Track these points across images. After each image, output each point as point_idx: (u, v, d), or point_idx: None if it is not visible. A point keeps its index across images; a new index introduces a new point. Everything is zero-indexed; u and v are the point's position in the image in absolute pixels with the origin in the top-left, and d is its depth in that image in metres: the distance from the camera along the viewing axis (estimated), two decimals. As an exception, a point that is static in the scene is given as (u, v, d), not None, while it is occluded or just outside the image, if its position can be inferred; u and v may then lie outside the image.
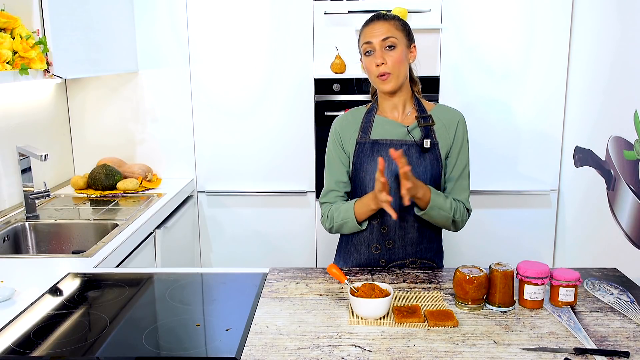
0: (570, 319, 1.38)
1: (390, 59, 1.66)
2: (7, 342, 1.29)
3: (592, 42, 2.64)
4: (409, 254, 1.77)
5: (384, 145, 1.72)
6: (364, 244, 1.78)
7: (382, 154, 1.70)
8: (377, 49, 1.67)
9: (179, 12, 2.90)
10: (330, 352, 1.24)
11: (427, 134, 1.71)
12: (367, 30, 1.70)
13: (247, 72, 2.95)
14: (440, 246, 1.84)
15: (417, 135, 1.72)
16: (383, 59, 1.66)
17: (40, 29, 2.09)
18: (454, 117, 1.76)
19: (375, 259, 1.78)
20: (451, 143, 1.74)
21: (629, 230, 2.25)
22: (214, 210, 3.11)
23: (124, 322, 1.38)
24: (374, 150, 1.72)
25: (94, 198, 2.66)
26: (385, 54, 1.66)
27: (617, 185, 2.34)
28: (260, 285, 1.59)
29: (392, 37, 1.66)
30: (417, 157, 1.70)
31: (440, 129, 1.73)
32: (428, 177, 1.70)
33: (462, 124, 1.76)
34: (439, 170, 1.73)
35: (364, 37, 1.70)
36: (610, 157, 2.41)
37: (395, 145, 1.71)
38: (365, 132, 1.75)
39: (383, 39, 1.66)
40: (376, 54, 1.67)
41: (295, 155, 3.03)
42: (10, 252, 2.18)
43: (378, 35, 1.67)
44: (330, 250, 3.10)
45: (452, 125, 1.74)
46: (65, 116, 3.00)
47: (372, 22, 1.71)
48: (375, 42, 1.67)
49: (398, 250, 1.76)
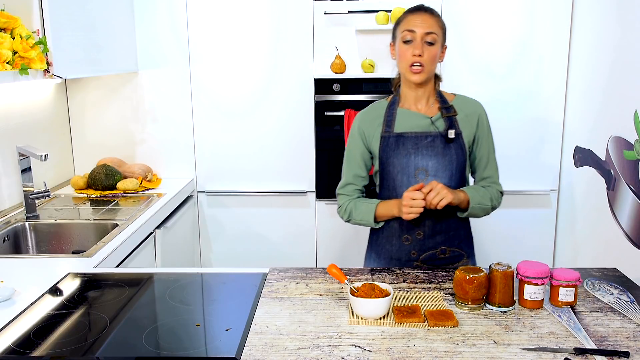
0: (570, 319, 1.38)
1: (428, 53, 1.68)
2: (7, 342, 1.29)
3: (592, 42, 2.64)
4: (439, 243, 1.78)
5: (409, 138, 1.74)
6: (395, 236, 1.80)
7: (408, 146, 1.73)
8: (418, 40, 1.68)
9: (179, 12, 2.90)
10: (330, 352, 1.24)
11: (451, 124, 1.75)
12: (412, 18, 1.70)
13: (247, 72, 2.95)
14: (468, 233, 1.87)
15: (440, 126, 1.75)
16: (422, 51, 1.67)
17: (40, 29, 2.09)
18: (475, 106, 1.81)
19: (406, 250, 1.80)
20: (474, 132, 1.78)
21: (629, 230, 2.25)
22: (214, 210, 3.11)
23: (124, 322, 1.38)
24: (399, 143, 1.75)
25: (94, 198, 2.66)
26: (424, 47, 1.68)
27: (617, 185, 2.34)
28: (260, 285, 1.59)
29: (435, 33, 1.68)
30: (442, 148, 1.73)
31: (462, 119, 1.77)
32: (454, 167, 1.74)
33: (484, 112, 1.81)
34: (464, 159, 1.76)
35: (408, 24, 1.70)
36: (610, 157, 2.41)
37: (420, 137, 1.74)
38: (389, 126, 1.77)
39: (427, 32, 1.67)
40: (416, 44, 1.68)
41: (295, 155, 3.03)
42: (10, 252, 2.18)
43: (423, 27, 1.67)
44: (330, 250, 3.10)
45: (474, 114, 1.79)
46: (65, 116, 3.00)
47: (419, 12, 1.71)
48: (418, 32, 1.67)
49: (428, 240, 1.78)
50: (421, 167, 1.73)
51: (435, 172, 1.73)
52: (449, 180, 1.73)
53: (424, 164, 1.73)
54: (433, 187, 1.62)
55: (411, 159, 1.73)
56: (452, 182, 1.74)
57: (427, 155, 1.73)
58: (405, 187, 1.73)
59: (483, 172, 1.82)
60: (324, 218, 3.08)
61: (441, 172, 1.73)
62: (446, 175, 1.73)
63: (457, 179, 1.76)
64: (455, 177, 1.75)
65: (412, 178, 1.73)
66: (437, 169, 1.73)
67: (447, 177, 1.73)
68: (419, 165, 1.73)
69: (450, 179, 1.74)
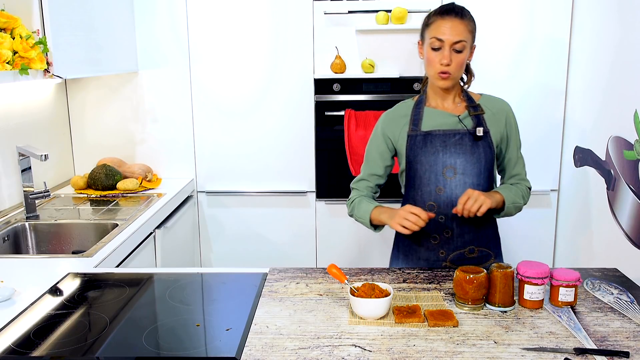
0: (570, 319, 1.38)
1: (456, 60, 1.67)
2: (7, 342, 1.29)
3: (592, 42, 2.64)
4: (467, 242, 1.78)
5: (437, 136, 1.74)
6: (422, 236, 1.80)
7: (436, 144, 1.73)
8: (447, 48, 1.66)
9: (179, 12, 2.90)
10: (330, 352, 1.24)
11: (479, 122, 1.75)
12: (441, 25, 1.67)
13: (247, 72, 2.95)
14: (496, 233, 1.87)
15: (468, 124, 1.75)
16: (450, 60, 1.66)
17: (40, 29, 2.09)
18: (502, 105, 1.81)
19: (434, 250, 1.79)
20: (503, 130, 1.78)
21: (629, 230, 2.25)
22: (214, 210, 3.11)
23: (124, 322, 1.38)
24: (426, 141, 1.74)
25: (94, 198, 2.66)
26: (452, 55, 1.67)
27: (617, 185, 2.34)
28: (260, 285, 1.59)
29: (464, 41, 1.66)
30: (470, 146, 1.73)
31: (490, 118, 1.77)
32: (482, 165, 1.74)
33: (511, 110, 1.82)
34: (492, 157, 1.76)
35: (436, 31, 1.67)
36: (610, 157, 2.41)
37: (448, 135, 1.74)
38: (416, 125, 1.77)
39: (455, 41, 1.65)
40: (444, 53, 1.66)
41: (295, 155, 3.03)
42: (10, 252, 2.18)
43: (451, 36, 1.65)
44: (330, 250, 3.10)
45: (501, 113, 1.79)
46: (65, 116, 3.00)
47: (449, 16, 1.67)
48: (446, 41, 1.65)
49: (456, 240, 1.77)
50: (449, 165, 1.73)
51: (464, 170, 1.72)
52: (477, 178, 1.73)
53: (452, 162, 1.73)
54: (470, 195, 1.61)
55: (439, 157, 1.73)
56: (481, 180, 1.74)
57: (455, 153, 1.72)
58: (433, 185, 1.73)
59: (512, 169, 1.83)
60: (324, 218, 3.08)
61: (469, 170, 1.73)
62: (474, 173, 1.73)
63: (486, 177, 1.76)
64: (484, 175, 1.75)
65: (440, 176, 1.73)
66: (465, 167, 1.72)
67: (475, 175, 1.73)
68: (447, 163, 1.73)
69: (479, 177, 1.74)
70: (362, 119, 2.87)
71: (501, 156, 1.82)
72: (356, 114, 2.87)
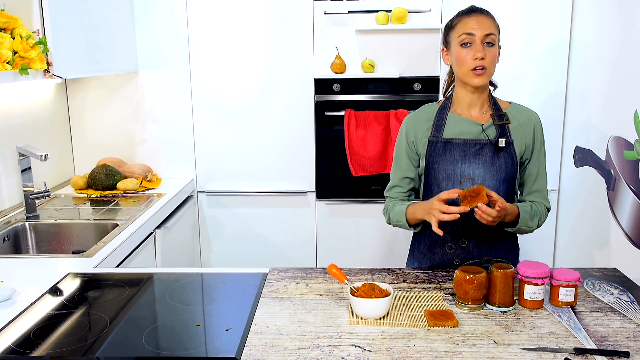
0: (570, 319, 1.38)
1: (489, 54, 1.63)
2: (7, 342, 1.29)
3: (592, 43, 2.64)
4: (484, 253, 1.75)
5: (457, 144, 1.69)
6: (438, 244, 1.76)
7: (455, 153, 1.69)
8: (478, 42, 1.62)
9: (179, 12, 2.90)
10: (330, 352, 1.24)
11: (502, 133, 1.69)
12: (468, 21, 1.64)
13: (247, 72, 2.95)
14: (515, 244, 1.82)
15: (491, 133, 1.69)
16: (484, 53, 1.62)
17: (40, 29, 2.09)
18: (530, 116, 1.74)
19: (449, 259, 1.76)
20: (528, 142, 1.71)
21: (629, 230, 2.25)
22: (214, 210, 3.11)
23: (124, 322, 1.38)
24: (446, 149, 1.70)
25: (94, 198, 2.66)
26: (485, 49, 1.63)
27: (617, 185, 2.34)
28: (260, 285, 1.59)
29: (493, 34, 1.63)
30: (491, 156, 1.68)
31: (516, 128, 1.71)
32: (502, 177, 1.68)
33: (539, 123, 1.74)
34: (514, 169, 1.70)
35: (464, 27, 1.64)
36: (610, 157, 2.41)
37: (469, 144, 1.69)
38: (437, 131, 1.72)
39: (486, 34, 1.62)
40: (476, 47, 1.62)
41: (295, 155, 3.03)
42: (10, 252, 2.18)
43: (482, 29, 1.62)
44: (330, 250, 3.10)
45: (528, 124, 1.72)
46: (65, 116, 3.00)
47: (475, 13, 1.65)
48: (477, 34, 1.61)
49: (472, 249, 1.74)
50: (467, 175, 1.68)
51: (482, 181, 1.67)
52: (495, 190, 1.67)
53: (471, 172, 1.68)
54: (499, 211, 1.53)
55: (458, 166, 1.68)
56: (500, 191, 1.68)
57: (474, 163, 1.68)
58: None
59: (533, 185, 1.75)
60: (324, 218, 3.08)
61: (488, 181, 1.67)
62: (493, 185, 1.68)
63: (505, 189, 1.70)
64: (503, 187, 1.69)
65: (458, 185, 1.68)
66: (484, 178, 1.67)
67: (494, 187, 1.67)
68: (465, 173, 1.68)
69: (497, 189, 1.68)
70: (362, 119, 2.87)
71: (522, 169, 1.74)
72: (356, 114, 2.88)
